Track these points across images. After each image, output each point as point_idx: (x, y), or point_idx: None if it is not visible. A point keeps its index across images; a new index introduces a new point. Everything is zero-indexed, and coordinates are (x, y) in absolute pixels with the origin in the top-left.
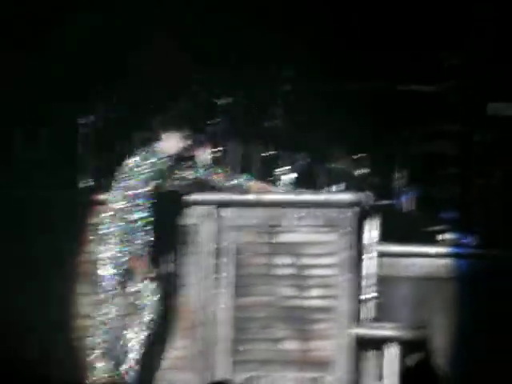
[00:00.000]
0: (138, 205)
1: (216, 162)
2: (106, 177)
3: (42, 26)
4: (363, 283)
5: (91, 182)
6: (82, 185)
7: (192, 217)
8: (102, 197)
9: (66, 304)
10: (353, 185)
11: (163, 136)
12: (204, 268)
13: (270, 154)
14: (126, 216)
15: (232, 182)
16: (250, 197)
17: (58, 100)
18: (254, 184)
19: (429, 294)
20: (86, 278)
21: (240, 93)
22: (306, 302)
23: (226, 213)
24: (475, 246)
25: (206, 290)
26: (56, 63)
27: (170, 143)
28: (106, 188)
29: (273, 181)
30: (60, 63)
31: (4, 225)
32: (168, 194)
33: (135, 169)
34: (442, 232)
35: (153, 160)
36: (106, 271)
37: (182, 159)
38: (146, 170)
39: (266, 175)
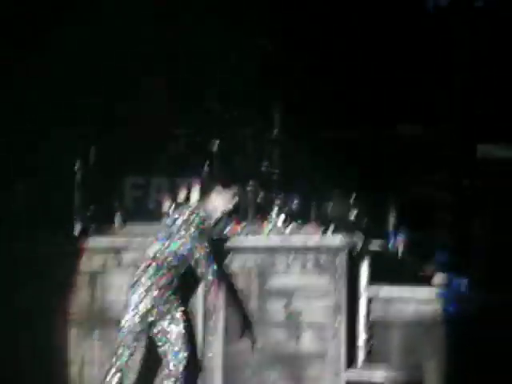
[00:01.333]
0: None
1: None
2: (95, 223)
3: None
4: (355, 327)
5: (80, 229)
6: (70, 232)
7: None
8: (91, 244)
9: (56, 353)
10: (344, 228)
11: (214, 194)
12: (194, 315)
13: (263, 197)
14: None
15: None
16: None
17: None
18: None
19: (420, 339)
20: (77, 325)
21: (233, 136)
22: (298, 347)
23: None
24: (466, 289)
25: (197, 336)
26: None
27: (220, 202)
28: (96, 234)
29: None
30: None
31: None
32: None
33: (180, 230)
34: (433, 275)
35: (197, 222)
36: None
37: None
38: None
39: (260, 218)
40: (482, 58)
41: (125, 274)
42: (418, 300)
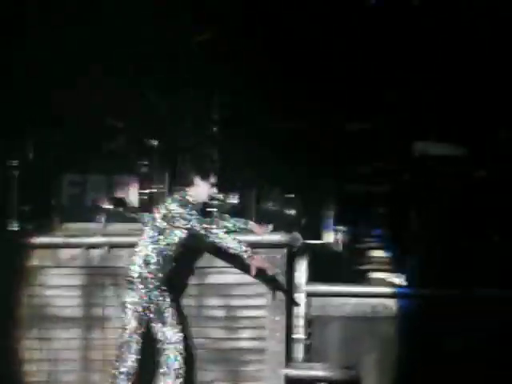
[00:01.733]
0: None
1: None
2: (32, 221)
3: None
4: (294, 324)
5: (18, 227)
6: (13, 227)
7: (120, 259)
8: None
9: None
10: (282, 225)
11: (196, 182)
12: None
13: None
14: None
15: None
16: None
17: None
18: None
19: (359, 334)
20: (26, 322)
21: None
22: (237, 344)
23: None
24: (406, 285)
25: None
26: None
27: (202, 190)
28: (33, 232)
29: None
30: None
31: None
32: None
33: (174, 217)
34: (372, 271)
35: (188, 209)
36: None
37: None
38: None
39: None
40: (424, 56)
41: (62, 271)
42: (357, 296)
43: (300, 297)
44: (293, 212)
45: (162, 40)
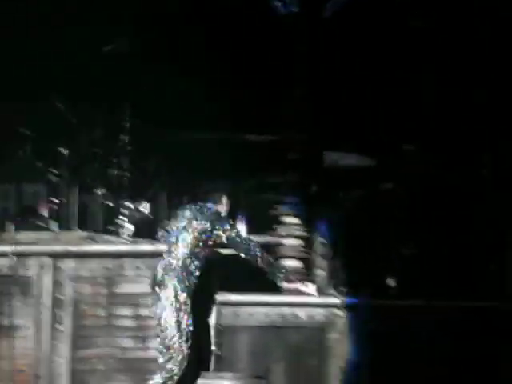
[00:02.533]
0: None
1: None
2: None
3: None
4: None
5: None
6: None
7: (28, 268)
8: None
9: None
10: None
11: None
12: (41, 321)
13: (111, 204)
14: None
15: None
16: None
17: None
18: None
19: (269, 343)
20: None
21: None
22: (146, 354)
23: (64, 264)
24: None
25: (44, 342)
26: None
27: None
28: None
29: (115, 230)
30: None
31: None
32: None
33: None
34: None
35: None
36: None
37: None
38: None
39: (108, 224)
40: (330, 68)
41: None
42: (267, 305)
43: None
44: None
45: (73, 49)
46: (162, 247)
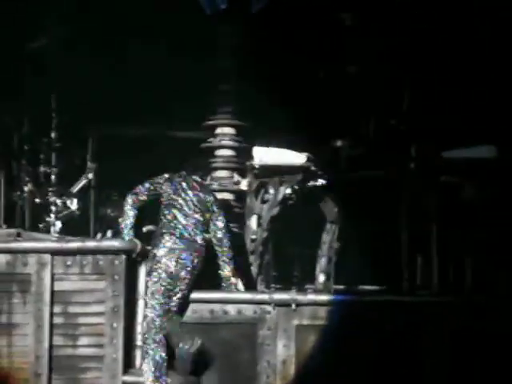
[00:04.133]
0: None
1: None
2: None
3: None
4: (133, 331)
5: None
6: None
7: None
8: None
9: None
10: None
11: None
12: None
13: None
14: None
15: None
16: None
17: None
18: None
19: (204, 342)
20: None
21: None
22: (75, 351)
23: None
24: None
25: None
26: None
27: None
28: None
29: (45, 228)
30: None
31: None
32: None
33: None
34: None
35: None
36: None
37: None
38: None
39: (37, 222)
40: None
41: None
42: (196, 302)
43: (139, 304)
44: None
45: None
46: (91, 244)
